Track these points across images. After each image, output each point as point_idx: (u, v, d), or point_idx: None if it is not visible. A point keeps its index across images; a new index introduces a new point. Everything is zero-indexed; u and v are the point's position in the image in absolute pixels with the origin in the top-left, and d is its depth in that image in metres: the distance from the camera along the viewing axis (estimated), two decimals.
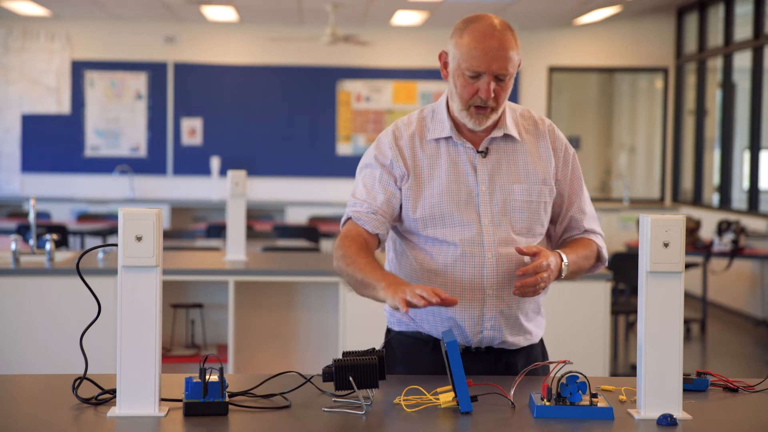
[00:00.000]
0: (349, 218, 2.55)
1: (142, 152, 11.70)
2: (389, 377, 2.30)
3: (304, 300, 5.54)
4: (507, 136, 2.55)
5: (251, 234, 7.62)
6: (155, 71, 11.66)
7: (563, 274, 2.46)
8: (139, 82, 11.67)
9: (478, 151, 2.53)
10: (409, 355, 2.54)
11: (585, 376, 2.13)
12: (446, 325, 2.51)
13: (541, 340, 2.67)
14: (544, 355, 2.66)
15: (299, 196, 11.65)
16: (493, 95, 2.44)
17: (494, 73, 2.43)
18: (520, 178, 2.53)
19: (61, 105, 11.63)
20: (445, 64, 2.53)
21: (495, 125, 2.54)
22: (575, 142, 11.99)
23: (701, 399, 2.31)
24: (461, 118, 2.51)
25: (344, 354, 2.25)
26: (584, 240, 2.61)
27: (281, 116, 11.76)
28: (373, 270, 2.39)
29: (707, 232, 9.45)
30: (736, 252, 7.93)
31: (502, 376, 2.46)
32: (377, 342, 2.70)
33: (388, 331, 2.66)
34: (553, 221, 2.65)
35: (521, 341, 2.57)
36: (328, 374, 2.19)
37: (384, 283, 2.33)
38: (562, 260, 2.46)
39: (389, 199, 2.53)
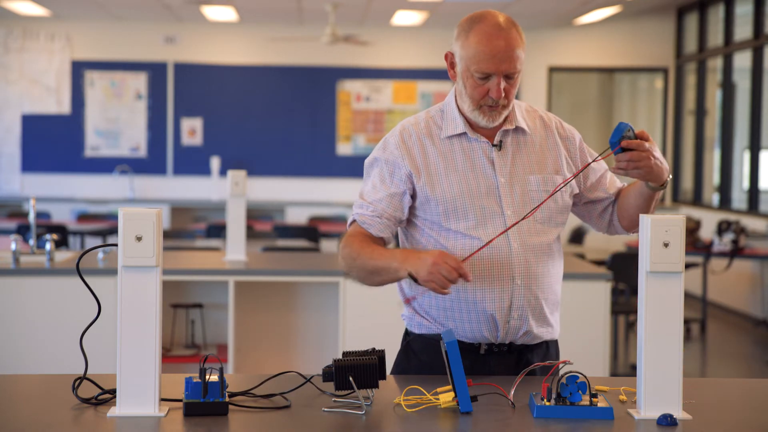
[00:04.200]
0: (354, 221, 2.57)
1: (142, 152, 11.70)
2: (389, 377, 2.29)
3: (304, 300, 5.54)
4: (518, 129, 2.58)
5: (251, 234, 7.62)
6: (155, 71, 11.66)
7: (667, 178, 2.65)
8: (139, 82, 11.67)
9: (493, 145, 2.55)
10: (431, 357, 2.52)
11: (585, 376, 2.13)
12: (480, 318, 2.50)
13: (556, 339, 2.68)
14: (557, 355, 2.67)
15: (299, 196, 11.65)
16: (503, 94, 2.47)
17: (503, 73, 2.46)
18: (534, 169, 2.56)
19: (61, 105, 11.63)
20: (452, 65, 2.54)
21: (506, 119, 2.57)
22: None
23: (701, 399, 2.31)
24: (473, 117, 2.53)
25: (344, 354, 2.25)
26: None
27: (281, 116, 11.76)
28: (381, 253, 2.45)
29: (707, 232, 9.44)
30: (736, 252, 7.92)
31: (502, 377, 2.46)
32: (377, 342, 2.69)
33: (407, 333, 2.65)
34: (594, 201, 2.67)
35: (544, 334, 2.58)
36: (328, 374, 2.19)
37: (397, 261, 2.39)
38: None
39: (394, 201, 2.54)
